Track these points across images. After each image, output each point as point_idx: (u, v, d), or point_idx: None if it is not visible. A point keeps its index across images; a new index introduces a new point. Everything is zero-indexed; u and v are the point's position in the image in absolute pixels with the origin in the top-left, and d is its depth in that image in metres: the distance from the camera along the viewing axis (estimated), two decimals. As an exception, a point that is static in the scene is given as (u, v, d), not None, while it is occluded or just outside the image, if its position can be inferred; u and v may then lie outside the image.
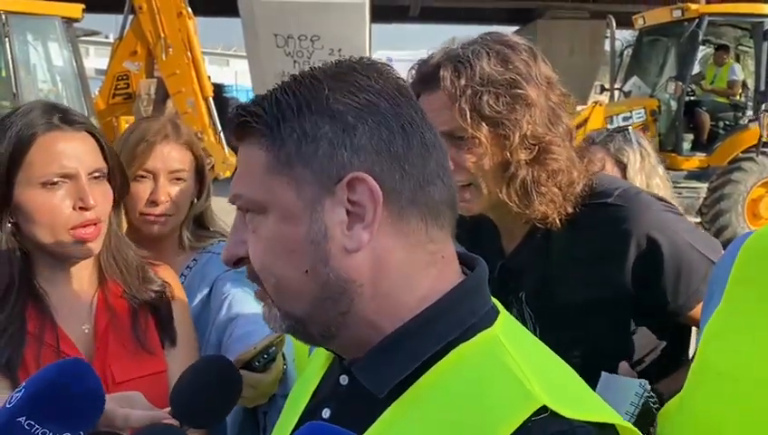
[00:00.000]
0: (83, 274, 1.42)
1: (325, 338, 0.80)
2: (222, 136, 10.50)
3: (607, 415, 0.76)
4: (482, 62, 1.32)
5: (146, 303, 1.45)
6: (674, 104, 9.70)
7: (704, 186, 9.21)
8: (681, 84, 9.25)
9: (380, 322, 0.78)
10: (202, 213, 1.80)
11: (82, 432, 0.85)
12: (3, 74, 9.56)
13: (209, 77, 10.81)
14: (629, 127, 2.54)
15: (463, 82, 1.31)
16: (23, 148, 1.31)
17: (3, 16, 9.28)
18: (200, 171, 1.77)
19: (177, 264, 1.68)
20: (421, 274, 0.78)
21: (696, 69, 10.62)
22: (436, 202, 0.79)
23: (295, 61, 13.17)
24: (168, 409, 0.95)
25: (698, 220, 8.86)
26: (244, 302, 1.65)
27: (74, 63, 10.26)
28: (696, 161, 9.60)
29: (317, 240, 0.75)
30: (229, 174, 9.99)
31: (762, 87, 9.46)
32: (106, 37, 23.38)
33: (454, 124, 1.31)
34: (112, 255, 1.44)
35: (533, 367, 0.75)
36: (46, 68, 10.35)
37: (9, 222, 1.33)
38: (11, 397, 0.84)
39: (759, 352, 0.91)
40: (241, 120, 0.78)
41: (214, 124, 10.40)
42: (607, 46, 12.36)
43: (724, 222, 8.73)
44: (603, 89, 11.28)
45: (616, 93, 10.58)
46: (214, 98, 10.72)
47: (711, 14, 9.43)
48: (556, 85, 1.39)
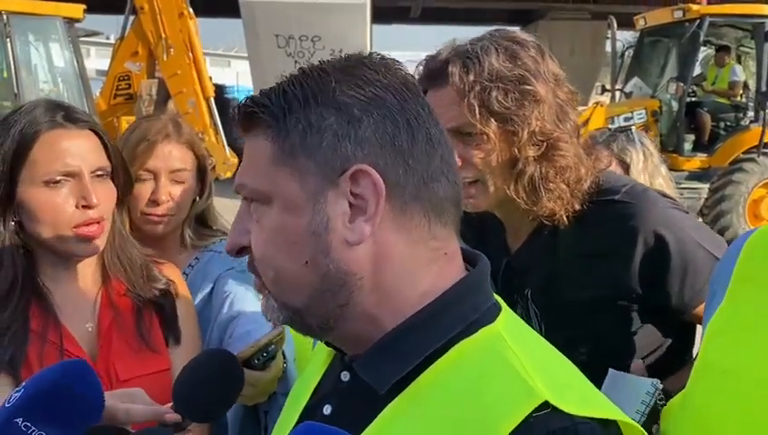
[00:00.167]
0: (87, 272, 1.42)
1: (323, 330, 0.80)
2: (223, 137, 10.50)
3: (610, 411, 0.75)
4: (490, 58, 1.32)
5: (150, 301, 1.45)
6: (675, 105, 9.69)
7: (705, 187, 9.21)
8: (682, 85, 9.25)
9: (380, 317, 0.78)
10: (204, 211, 1.80)
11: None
12: (4, 75, 9.58)
13: (210, 78, 10.81)
14: (632, 127, 2.54)
15: (471, 78, 1.30)
16: (26, 145, 1.31)
17: (4, 17, 9.29)
18: (202, 170, 1.76)
19: (179, 262, 1.68)
20: (423, 270, 0.78)
21: (698, 70, 10.60)
22: (439, 199, 0.78)
23: (296, 61, 13.15)
24: (171, 404, 0.94)
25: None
26: (245, 300, 1.65)
27: (75, 64, 10.27)
28: (698, 162, 9.59)
29: (318, 231, 0.75)
30: (230, 174, 9.98)
31: (763, 88, 9.44)
32: (107, 38, 23.37)
33: (462, 120, 1.31)
34: (116, 253, 1.44)
35: (535, 363, 0.75)
36: (47, 68, 10.36)
37: (13, 220, 1.33)
38: (10, 396, 0.84)
39: (761, 349, 0.91)
40: (248, 110, 0.78)
41: (215, 125, 10.39)
42: (608, 47, 12.34)
43: (725, 223, 8.72)
44: (604, 90, 11.25)
45: (617, 94, 10.57)
46: (215, 99, 10.72)
47: (712, 15, 9.42)
48: (563, 82, 1.39)
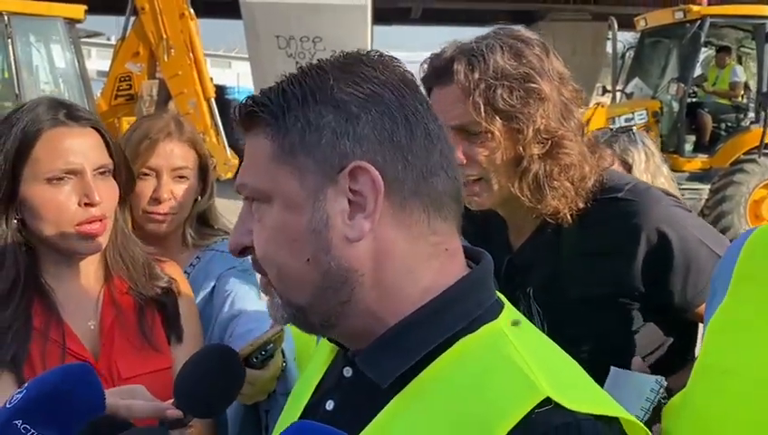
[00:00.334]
0: (89, 270, 1.42)
1: (325, 327, 0.81)
2: (224, 137, 10.50)
3: (611, 408, 0.76)
4: (495, 55, 1.32)
5: (152, 299, 1.45)
6: (676, 106, 9.69)
7: (706, 187, 9.19)
8: (683, 86, 9.23)
9: (382, 313, 0.78)
10: (205, 211, 1.80)
11: None
12: (5, 75, 9.59)
13: (211, 79, 10.81)
14: (634, 127, 2.53)
15: (477, 76, 1.31)
16: (28, 143, 1.31)
17: (5, 17, 9.29)
18: (203, 169, 1.77)
19: (180, 261, 1.68)
20: (423, 265, 0.79)
21: (698, 71, 10.60)
22: (439, 193, 0.79)
23: (297, 62, 13.12)
24: (172, 400, 0.94)
25: (700, 222, 8.83)
26: (246, 299, 1.65)
27: (76, 65, 10.27)
28: (698, 163, 9.58)
29: (318, 229, 0.76)
30: (231, 175, 9.98)
31: (764, 88, 9.43)
32: (108, 39, 23.38)
33: (467, 118, 1.31)
34: (119, 251, 1.44)
35: (538, 359, 0.75)
36: (48, 69, 10.36)
37: (15, 218, 1.33)
38: (11, 397, 0.85)
39: (762, 348, 0.91)
40: (248, 109, 0.79)
41: (216, 126, 10.39)
42: (608, 48, 12.33)
43: (726, 223, 8.71)
44: (605, 90, 11.25)
45: (618, 95, 10.57)
46: (216, 99, 10.72)
47: (713, 16, 9.41)
48: (568, 80, 1.39)
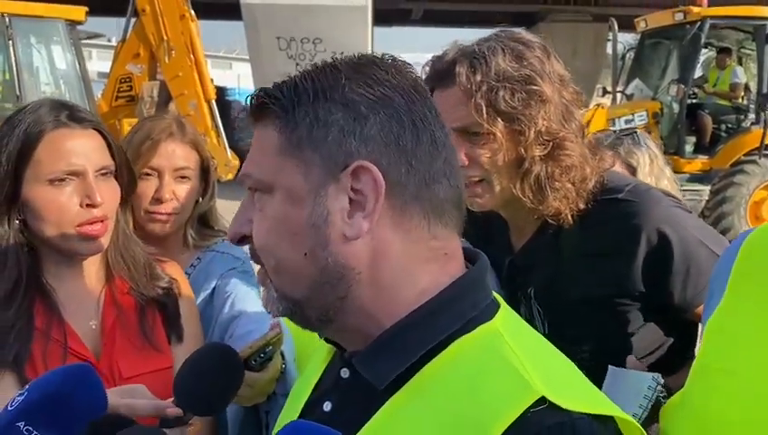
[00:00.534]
0: (91, 270, 1.42)
1: (322, 322, 0.81)
2: (224, 139, 10.51)
3: (607, 407, 0.76)
4: (497, 58, 1.33)
5: (153, 299, 1.45)
6: (676, 107, 9.68)
7: (706, 188, 9.18)
8: (683, 87, 9.23)
9: (379, 314, 0.79)
10: (206, 212, 1.81)
11: None
12: (6, 77, 9.61)
13: (212, 80, 10.82)
14: (637, 129, 2.52)
15: (479, 78, 1.32)
16: (31, 145, 1.32)
17: (6, 19, 9.31)
18: (205, 170, 1.78)
19: (181, 261, 1.69)
20: (422, 268, 0.79)
21: (699, 72, 10.60)
22: (440, 200, 0.79)
23: (298, 64, 13.16)
24: (172, 399, 0.95)
25: (700, 223, 8.82)
26: (246, 300, 1.66)
27: (77, 66, 10.29)
28: (699, 164, 9.58)
29: (318, 224, 0.77)
30: (231, 176, 9.98)
31: (764, 90, 9.42)
32: (109, 40, 23.38)
33: (469, 120, 1.32)
34: (120, 251, 1.45)
35: (533, 359, 0.76)
36: (49, 71, 10.37)
37: (17, 219, 1.34)
38: (13, 400, 0.85)
39: (759, 348, 0.92)
40: (260, 101, 0.80)
41: (216, 127, 10.40)
42: (609, 49, 12.32)
43: (726, 225, 8.70)
44: (605, 91, 11.25)
45: (618, 96, 10.58)
46: (216, 101, 10.74)
47: (713, 17, 9.40)
48: (568, 83, 1.40)
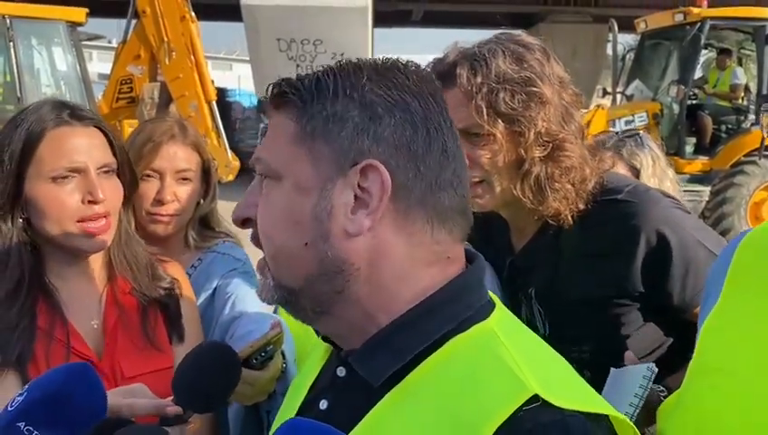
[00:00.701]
0: (93, 269, 1.43)
1: (317, 314, 0.82)
2: (225, 140, 10.52)
3: (600, 406, 0.77)
4: (497, 60, 1.34)
5: (155, 299, 1.46)
6: (676, 108, 9.69)
7: (706, 189, 9.18)
8: (683, 88, 9.23)
9: (375, 311, 0.80)
10: (208, 214, 1.82)
11: None
12: (7, 79, 9.62)
13: (212, 81, 10.83)
14: (640, 131, 2.52)
15: (479, 80, 1.33)
16: (33, 143, 1.33)
17: (7, 21, 9.33)
18: (206, 172, 1.79)
19: (182, 262, 1.69)
20: (422, 270, 0.80)
21: (699, 73, 10.59)
22: (445, 208, 0.81)
23: (298, 65, 13.17)
24: (172, 397, 0.96)
25: (701, 224, 8.81)
26: (247, 301, 1.66)
27: (78, 67, 10.30)
28: (699, 165, 9.57)
29: (321, 217, 0.78)
30: (232, 177, 9.99)
31: (764, 90, 9.43)
32: (109, 41, 23.44)
33: (470, 121, 1.33)
34: (123, 251, 1.45)
35: (527, 358, 0.77)
36: (50, 72, 10.38)
37: (21, 217, 1.35)
38: (13, 400, 0.86)
39: (755, 348, 0.93)
40: (281, 90, 0.81)
41: (217, 128, 10.41)
42: (609, 50, 12.32)
43: (726, 225, 8.70)
44: (605, 92, 11.25)
45: (618, 97, 10.57)
46: (217, 102, 10.74)
47: (713, 18, 9.41)
48: (568, 84, 1.41)
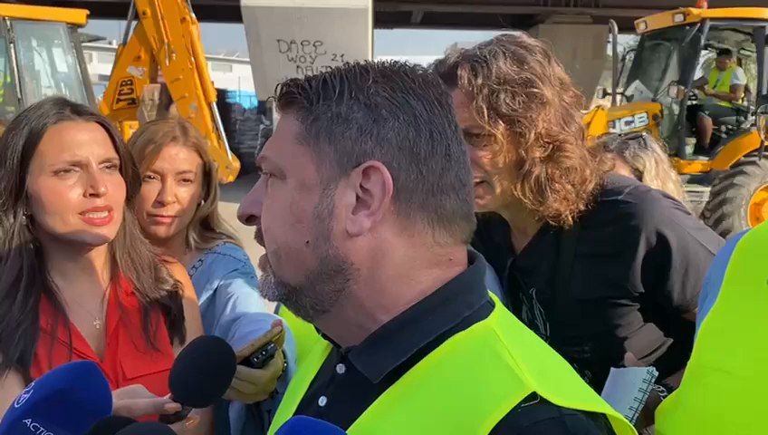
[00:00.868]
0: (96, 268, 1.43)
1: (317, 312, 0.83)
2: (225, 141, 10.52)
3: (598, 405, 0.77)
4: (498, 61, 1.35)
5: (157, 301, 1.46)
6: (676, 108, 9.69)
7: (706, 190, 9.18)
8: (683, 88, 9.24)
9: (375, 310, 0.81)
10: (208, 215, 1.82)
11: None
12: (8, 80, 9.63)
13: (212, 82, 10.85)
14: (643, 133, 2.51)
15: (480, 81, 1.34)
16: (35, 138, 1.34)
17: (8, 22, 9.34)
18: (208, 173, 1.79)
19: (182, 263, 1.69)
20: (423, 272, 0.81)
21: (699, 73, 10.59)
22: (447, 211, 0.81)
23: (298, 66, 13.19)
24: (169, 395, 0.97)
25: (701, 224, 8.81)
26: (248, 302, 1.67)
27: (78, 69, 10.32)
28: (699, 165, 9.58)
29: (323, 216, 0.79)
30: (232, 178, 10.00)
31: (764, 91, 9.44)
32: (110, 43, 23.47)
33: (470, 122, 1.34)
34: (127, 251, 1.46)
35: (526, 357, 0.77)
36: (50, 73, 10.41)
37: (24, 214, 1.35)
38: (19, 397, 0.86)
39: (753, 347, 0.93)
40: (288, 90, 0.82)
41: (217, 129, 10.42)
42: (609, 51, 12.34)
43: (726, 226, 8.70)
44: (605, 93, 11.26)
45: (618, 97, 10.58)
46: (217, 103, 10.75)
47: (713, 19, 9.41)
48: (569, 86, 1.42)
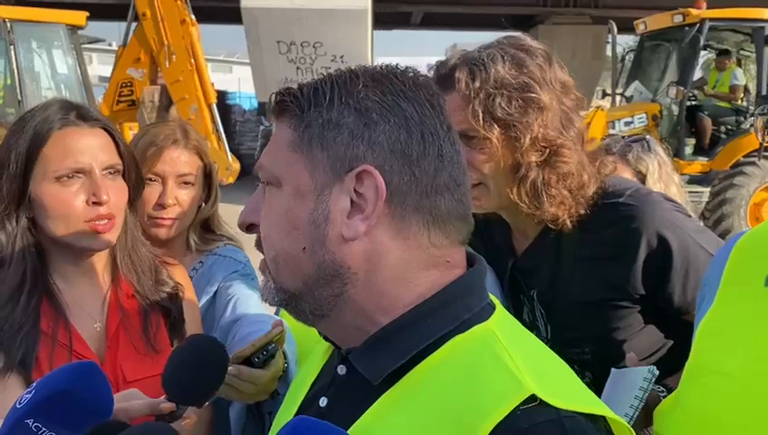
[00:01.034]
0: (97, 270, 1.43)
1: (316, 316, 0.84)
2: (225, 142, 10.52)
3: (598, 407, 0.78)
4: (497, 65, 1.36)
5: (157, 303, 1.46)
6: (675, 109, 9.69)
7: (706, 190, 9.18)
8: (683, 89, 9.24)
9: (374, 312, 0.81)
10: (209, 217, 1.83)
11: None
12: (8, 82, 9.63)
13: (212, 84, 10.85)
14: (646, 136, 2.51)
15: (477, 85, 1.35)
16: (38, 143, 1.34)
17: (8, 24, 9.35)
18: (208, 176, 1.80)
19: (183, 265, 1.69)
20: (420, 274, 0.81)
21: (699, 74, 10.59)
22: (442, 212, 0.82)
23: (298, 67, 13.20)
24: (164, 396, 0.98)
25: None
26: (248, 303, 1.67)
27: (78, 70, 10.32)
28: (699, 166, 9.57)
29: (318, 222, 0.80)
30: (232, 180, 10.00)
31: (763, 91, 9.44)
32: (110, 44, 23.47)
33: (466, 125, 1.35)
34: (128, 253, 1.46)
35: (526, 359, 0.78)
36: (50, 75, 10.41)
37: (26, 217, 1.35)
38: (21, 397, 0.87)
39: (752, 348, 0.94)
40: (281, 99, 0.83)
41: (217, 131, 10.42)
42: (608, 51, 12.33)
43: (726, 226, 8.70)
44: (605, 94, 11.27)
45: (618, 98, 10.58)
46: (217, 104, 10.75)
47: (712, 19, 9.41)
48: (571, 89, 1.42)
